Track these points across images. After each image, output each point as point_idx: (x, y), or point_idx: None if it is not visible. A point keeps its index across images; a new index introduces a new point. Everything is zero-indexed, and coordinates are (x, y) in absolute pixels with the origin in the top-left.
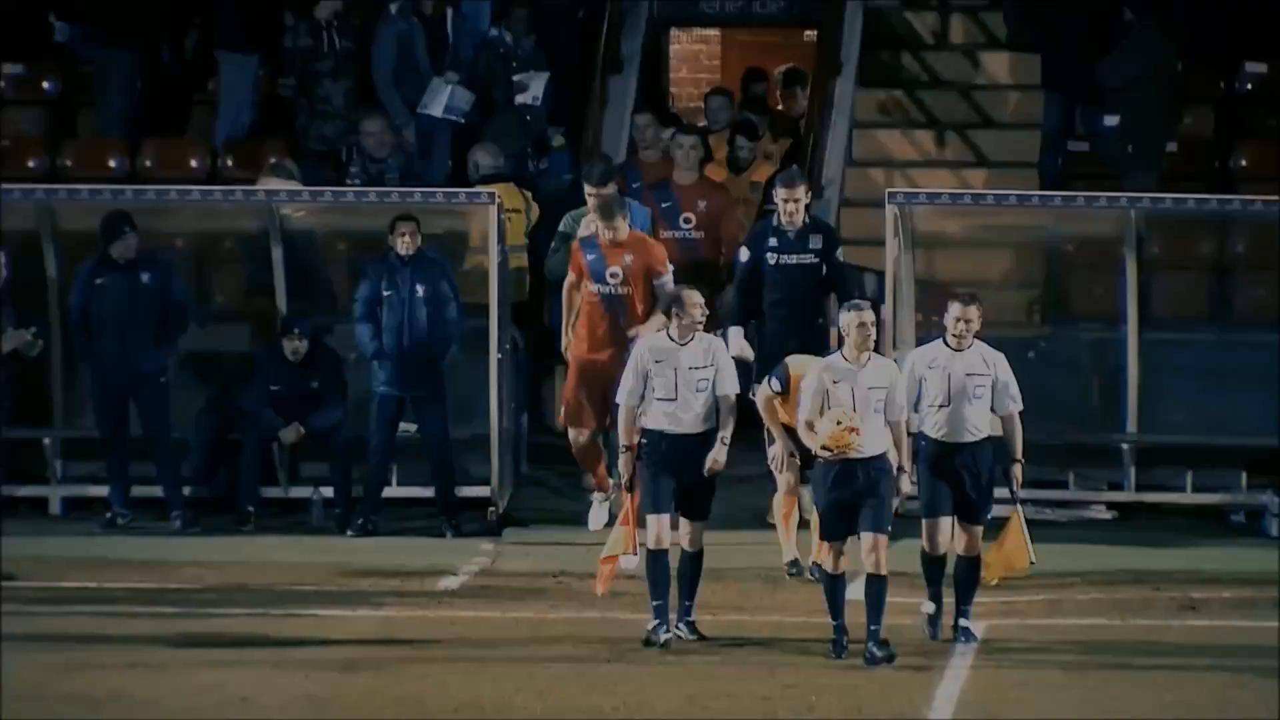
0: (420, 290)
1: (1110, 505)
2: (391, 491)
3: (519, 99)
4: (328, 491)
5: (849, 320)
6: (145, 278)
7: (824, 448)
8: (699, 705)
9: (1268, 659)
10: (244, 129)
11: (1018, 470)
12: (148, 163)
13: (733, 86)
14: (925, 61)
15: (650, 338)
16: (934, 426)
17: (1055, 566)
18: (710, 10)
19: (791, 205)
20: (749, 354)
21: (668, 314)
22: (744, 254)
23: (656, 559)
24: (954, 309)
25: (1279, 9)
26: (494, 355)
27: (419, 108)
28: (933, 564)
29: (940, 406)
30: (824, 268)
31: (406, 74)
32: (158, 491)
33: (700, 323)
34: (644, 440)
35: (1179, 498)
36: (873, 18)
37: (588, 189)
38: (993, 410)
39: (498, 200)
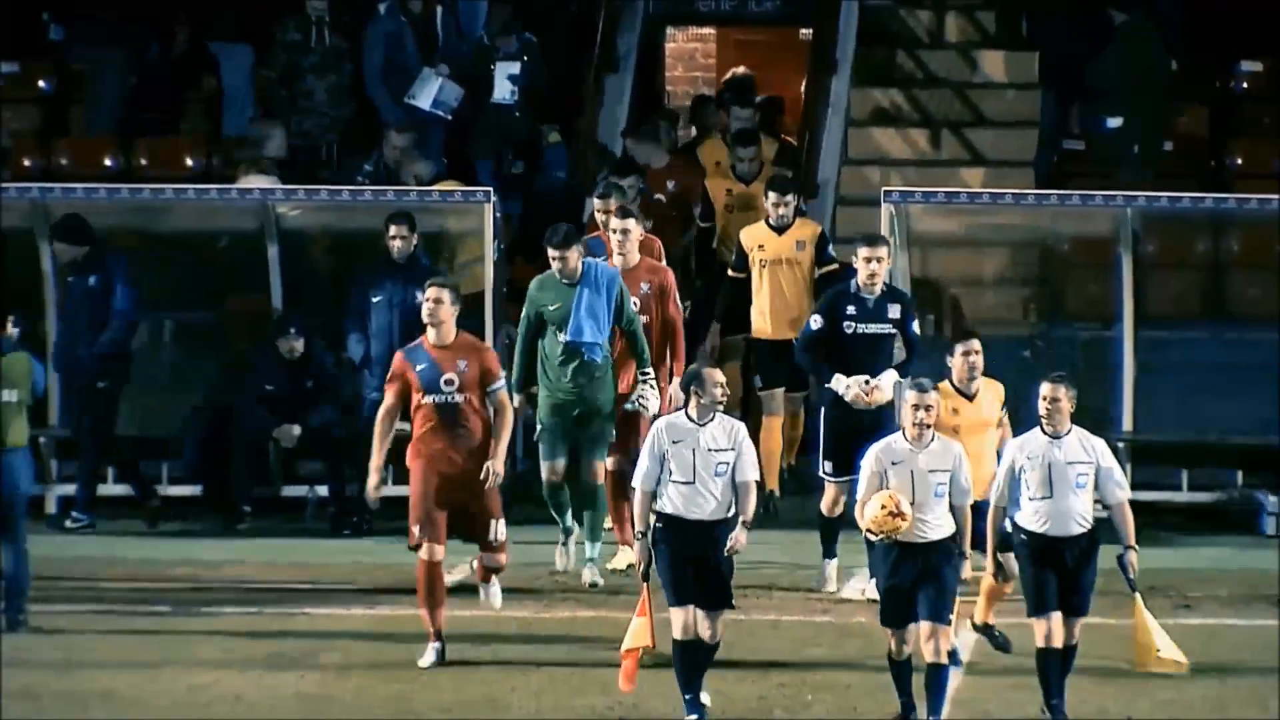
0: (417, 296)
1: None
2: (385, 491)
3: (495, 97)
4: (322, 491)
5: (909, 401)
6: (91, 281)
7: (869, 530)
8: None
9: (1263, 657)
10: (245, 125)
11: (1133, 558)
12: (142, 160)
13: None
14: (920, 60)
15: (669, 418)
16: (1036, 519)
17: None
18: (706, 9)
19: (874, 265)
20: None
21: (687, 392)
22: (816, 321)
23: (685, 650)
24: (1043, 388)
25: (1274, 7)
26: None
27: (406, 97)
28: (1049, 659)
29: (1042, 498)
30: (898, 337)
31: (396, 73)
32: (160, 490)
33: (721, 402)
34: (659, 525)
35: (1175, 496)
36: (868, 16)
37: (550, 252)
38: (1100, 500)
39: (492, 199)
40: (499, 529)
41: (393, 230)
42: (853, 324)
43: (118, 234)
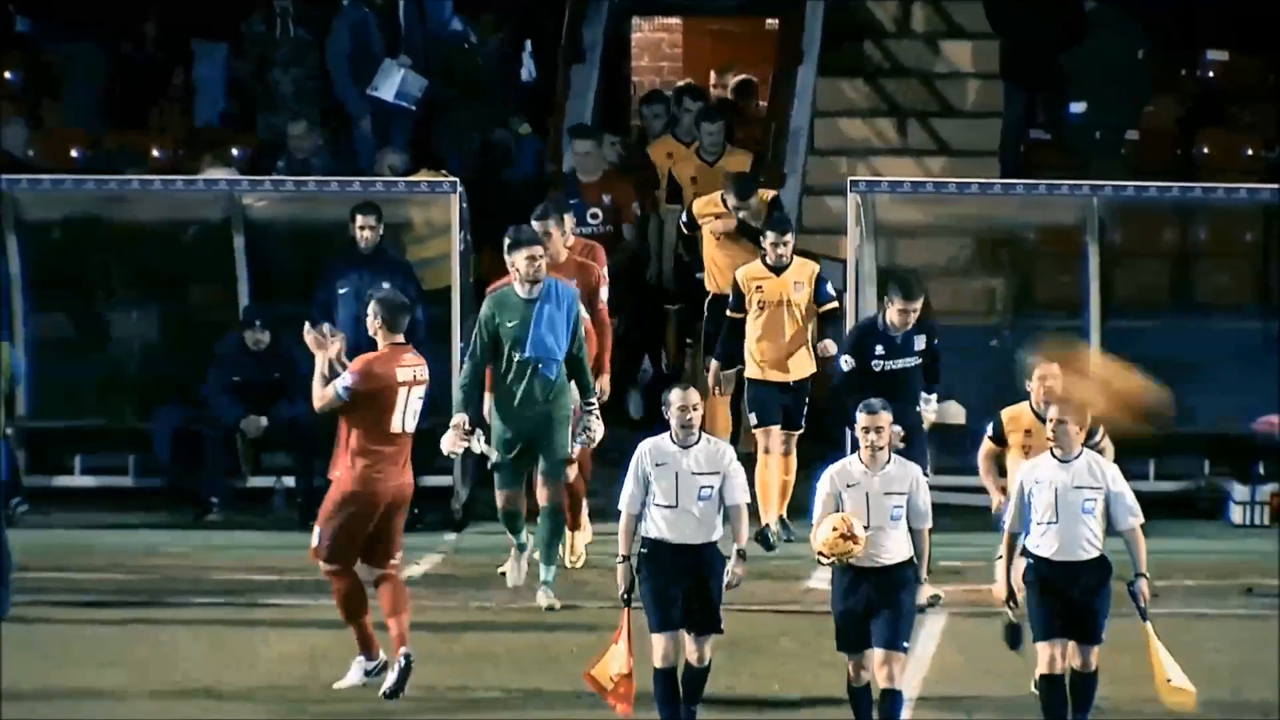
0: (383, 289)
1: None
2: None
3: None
4: (289, 482)
5: (859, 423)
6: None
7: (820, 554)
8: None
9: (1231, 646)
10: (216, 116)
11: (1143, 586)
12: (109, 152)
13: (697, 78)
14: (887, 49)
15: (653, 440)
16: (1043, 544)
17: None
18: None
19: (909, 318)
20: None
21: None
22: (847, 363)
23: (667, 679)
24: (1050, 410)
25: None
26: (456, 344)
27: (369, 89)
28: (1052, 688)
29: (1049, 523)
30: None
31: (362, 64)
32: (126, 482)
33: (688, 426)
34: (644, 550)
35: (1142, 486)
36: (834, 6)
37: (519, 253)
38: (1112, 527)
39: (459, 189)
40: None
41: (359, 220)
42: (881, 362)
43: (85, 225)
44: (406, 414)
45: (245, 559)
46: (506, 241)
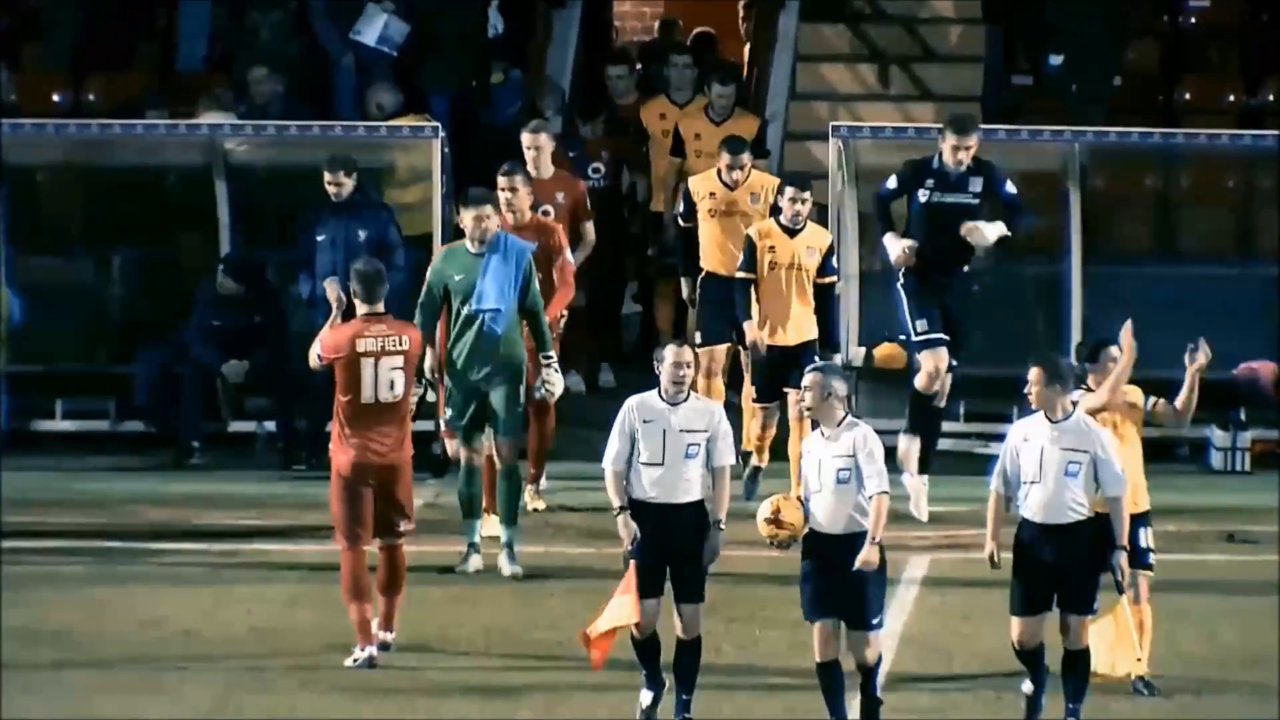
0: (362, 235)
1: None
2: None
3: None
4: (270, 426)
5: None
6: None
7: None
8: None
9: (1211, 591)
10: (199, 60)
11: (1122, 559)
12: (91, 96)
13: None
14: None
15: (641, 396)
16: (1029, 506)
17: None
18: None
19: (962, 154)
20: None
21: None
22: (891, 182)
23: (645, 642)
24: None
25: None
26: None
27: (351, 33)
28: (1030, 656)
29: (1032, 483)
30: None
31: (343, 8)
32: (102, 426)
33: (679, 384)
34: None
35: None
36: None
37: (468, 211)
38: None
39: (440, 134)
40: None
41: (328, 177)
42: (929, 194)
43: (67, 169)
44: (379, 385)
45: (227, 503)
46: (457, 200)
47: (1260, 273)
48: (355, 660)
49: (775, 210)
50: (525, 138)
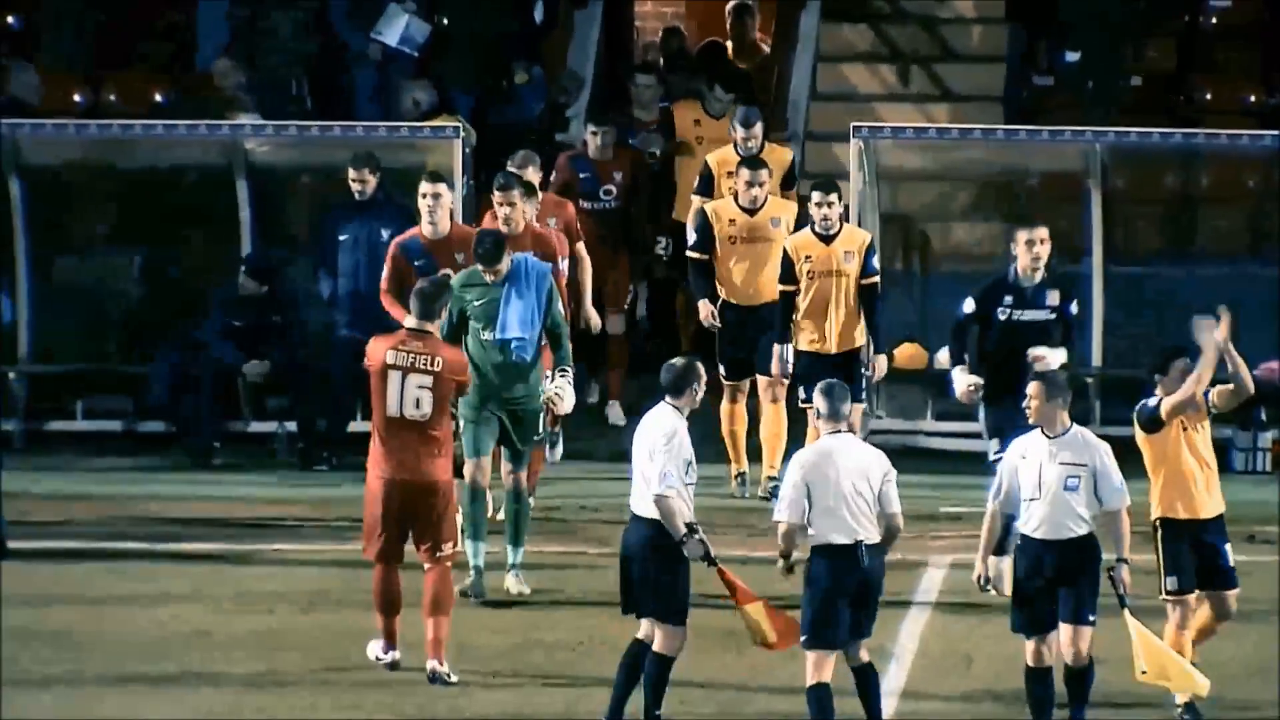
0: (385, 235)
1: None
2: (356, 426)
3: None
4: (291, 426)
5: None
6: None
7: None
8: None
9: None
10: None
11: (1124, 573)
12: (111, 96)
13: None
14: None
15: (678, 419)
16: (1029, 522)
17: None
18: None
19: (1038, 249)
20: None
21: (690, 387)
22: (968, 305)
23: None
24: (1028, 388)
25: None
26: None
27: (373, 33)
28: (1037, 681)
29: (1031, 500)
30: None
31: (365, 6)
32: (128, 426)
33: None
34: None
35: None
36: None
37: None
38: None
39: (461, 134)
40: None
41: (352, 174)
42: (1008, 311)
43: (87, 169)
44: (404, 401)
45: (246, 503)
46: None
47: (1278, 272)
48: (378, 657)
49: (801, 222)
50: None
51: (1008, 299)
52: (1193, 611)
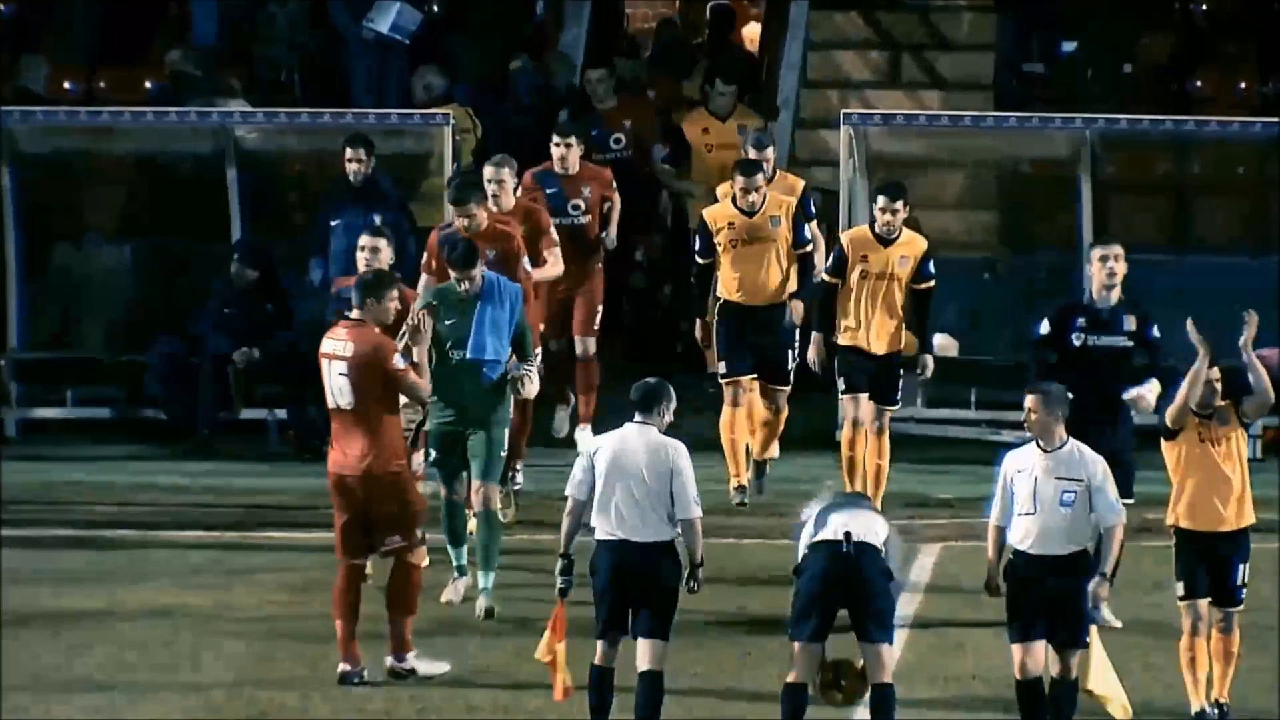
0: (377, 220)
1: None
2: None
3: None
4: (282, 414)
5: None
6: None
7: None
8: None
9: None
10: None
11: (1103, 588)
12: (103, 85)
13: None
14: None
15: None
16: (1022, 537)
17: None
18: None
19: (1112, 264)
20: None
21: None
22: (1043, 327)
23: (600, 674)
24: (1026, 401)
25: None
26: None
27: (364, 21)
28: (1028, 693)
29: (1026, 514)
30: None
31: None
32: (120, 414)
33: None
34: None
35: (1137, 419)
36: None
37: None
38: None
39: (452, 121)
40: None
41: (349, 154)
42: (1082, 335)
43: (79, 157)
44: (332, 390)
45: (239, 491)
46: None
47: (1272, 261)
48: (339, 676)
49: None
50: (488, 170)
51: (1081, 321)
52: (1203, 619)
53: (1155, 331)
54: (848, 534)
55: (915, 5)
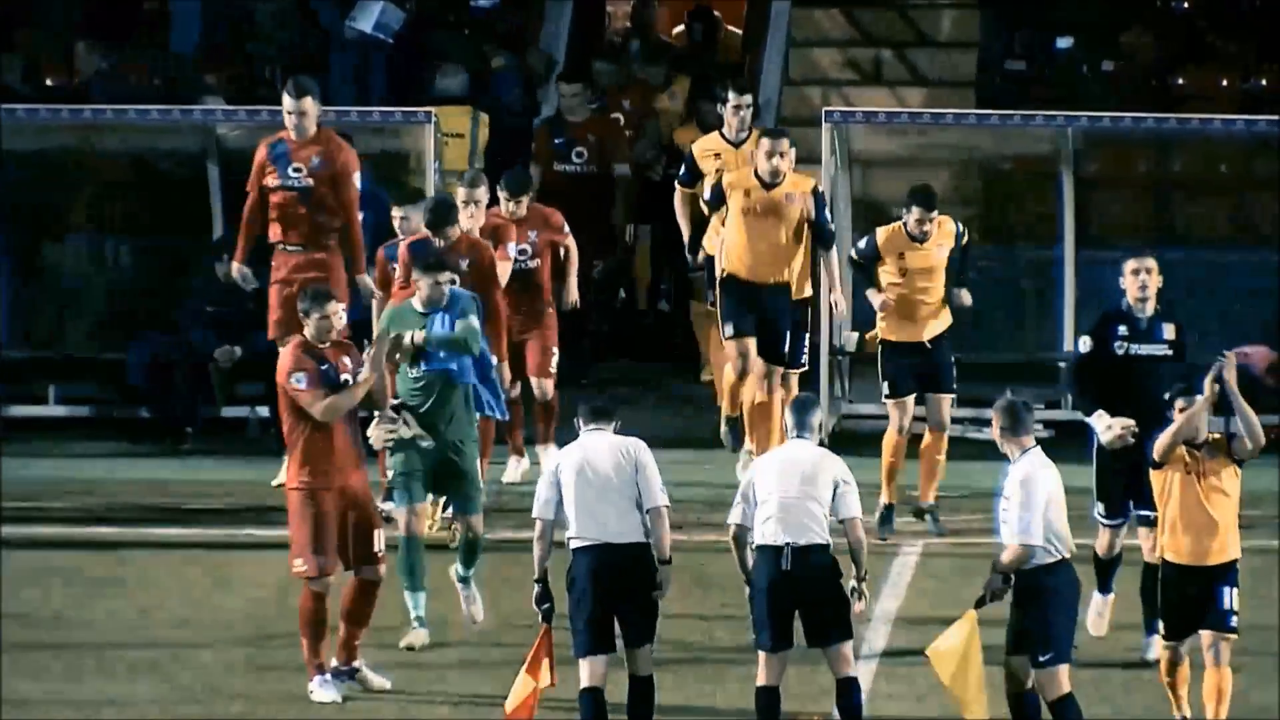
0: (360, 217)
1: (1047, 424)
2: None
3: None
4: (263, 411)
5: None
6: None
7: None
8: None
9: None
10: (192, 45)
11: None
12: (85, 82)
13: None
14: None
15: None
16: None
17: (992, 484)
18: None
19: (1144, 277)
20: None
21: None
22: (1085, 344)
23: (592, 698)
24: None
25: None
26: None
27: (348, 20)
28: (1013, 707)
29: (997, 530)
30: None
31: None
32: (96, 411)
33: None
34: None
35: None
36: None
37: (417, 276)
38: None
39: (434, 120)
40: None
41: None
42: (1125, 344)
43: (61, 154)
44: None
45: (220, 488)
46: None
47: (1255, 258)
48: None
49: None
50: (462, 192)
51: (1121, 329)
52: (1184, 659)
53: (1187, 338)
54: (787, 544)
55: (896, 3)
